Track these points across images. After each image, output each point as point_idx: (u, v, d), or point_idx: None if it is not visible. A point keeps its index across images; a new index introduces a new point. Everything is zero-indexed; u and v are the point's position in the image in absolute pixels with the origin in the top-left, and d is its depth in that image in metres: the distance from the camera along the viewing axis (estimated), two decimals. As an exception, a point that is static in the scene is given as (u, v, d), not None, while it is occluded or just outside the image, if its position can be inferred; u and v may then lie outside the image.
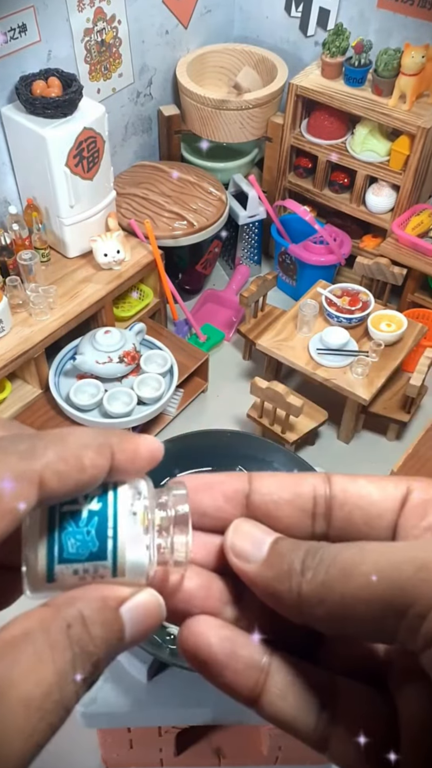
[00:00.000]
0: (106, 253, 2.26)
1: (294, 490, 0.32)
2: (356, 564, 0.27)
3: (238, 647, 0.30)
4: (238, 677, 0.29)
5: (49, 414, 2.23)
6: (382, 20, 2.44)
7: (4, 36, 1.87)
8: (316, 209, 2.79)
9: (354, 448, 2.45)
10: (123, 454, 0.29)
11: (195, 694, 1.19)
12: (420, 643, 0.25)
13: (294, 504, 0.32)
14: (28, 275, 2.16)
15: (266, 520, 0.32)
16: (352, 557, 0.27)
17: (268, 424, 2.27)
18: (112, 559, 0.29)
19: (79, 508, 0.29)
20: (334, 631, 0.29)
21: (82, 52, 2.28)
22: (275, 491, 0.32)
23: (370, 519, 0.31)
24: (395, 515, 0.30)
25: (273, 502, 0.32)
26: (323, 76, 2.50)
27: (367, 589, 0.26)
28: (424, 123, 2.31)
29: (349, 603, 0.27)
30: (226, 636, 0.30)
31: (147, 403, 2.22)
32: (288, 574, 0.29)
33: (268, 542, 0.30)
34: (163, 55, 2.62)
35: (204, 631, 0.30)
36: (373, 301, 2.33)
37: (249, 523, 0.31)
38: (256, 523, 0.31)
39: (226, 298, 2.81)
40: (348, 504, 0.31)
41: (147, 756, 1.49)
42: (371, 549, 0.28)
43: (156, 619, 0.29)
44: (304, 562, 0.28)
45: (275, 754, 1.48)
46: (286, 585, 0.29)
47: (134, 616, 0.29)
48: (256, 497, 0.32)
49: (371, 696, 0.30)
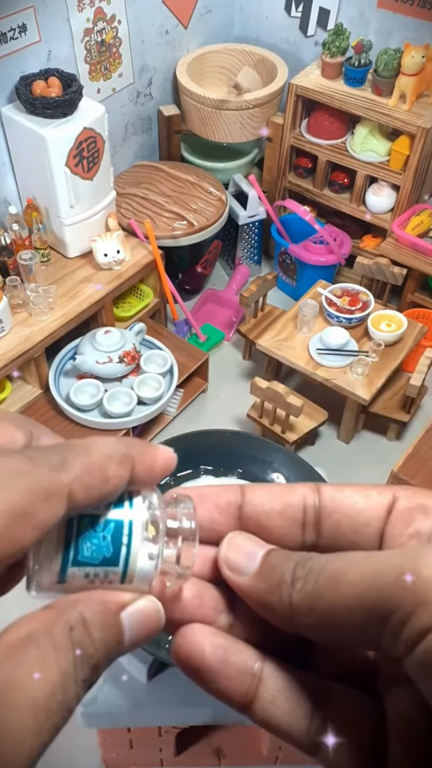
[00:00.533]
0: (106, 253, 2.26)
1: (284, 501, 0.32)
2: (343, 573, 0.28)
3: (230, 654, 0.30)
4: (231, 683, 0.30)
5: (49, 414, 2.23)
6: (382, 20, 2.44)
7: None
8: (316, 209, 2.79)
9: (354, 448, 2.45)
10: (142, 465, 0.30)
11: (195, 694, 1.19)
12: (402, 649, 0.26)
13: (284, 514, 0.32)
14: (28, 275, 2.16)
15: (258, 530, 0.32)
16: (339, 566, 0.28)
17: (268, 424, 2.27)
18: (123, 566, 0.30)
19: (98, 513, 0.30)
20: (324, 639, 0.29)
21: (82, 52, 2.28)
22: (266, 502, 0.33)
23: (358, 527, 0.31)
24: (382, 523, 0.31)
25: (264, 513, 0.32)
26: (323, 76, 2.50)
27: (352, 597, 0.27)
28: (424, 123, 2.31)
29: (337, 611, 0.27)
30: (219, 643, 0.31)
31: (147, 403, 2.22)
32: (279, 585, 0.29)
33: (260, 555, 0.31)
34: (163, 55, 2.62)
35: (197, 639, 0.31)
36: (373, 301, 2.33)
37: (242, 536, 0.32)
38: (249, 536, 0.32)
39: (226, 298, 2.81)
40: (336, 513, 0.32)
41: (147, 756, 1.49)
42: (357, 558, 0.28)
43: (155, 626, 0.30)
44: (294, 573, 0.29)
45: (275, 754, 1.48)
46: (277, 596, 0.29)
47: (134, 621, 0.29)
48: (248, 508, 0.33)
49: (362, 701, 0.31)
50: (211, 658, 0.30)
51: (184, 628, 0.31)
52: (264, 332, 2.43)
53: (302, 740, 0.30)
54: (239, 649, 0.31)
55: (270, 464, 1.17)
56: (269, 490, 0.33)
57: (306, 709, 0.30)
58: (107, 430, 2.18)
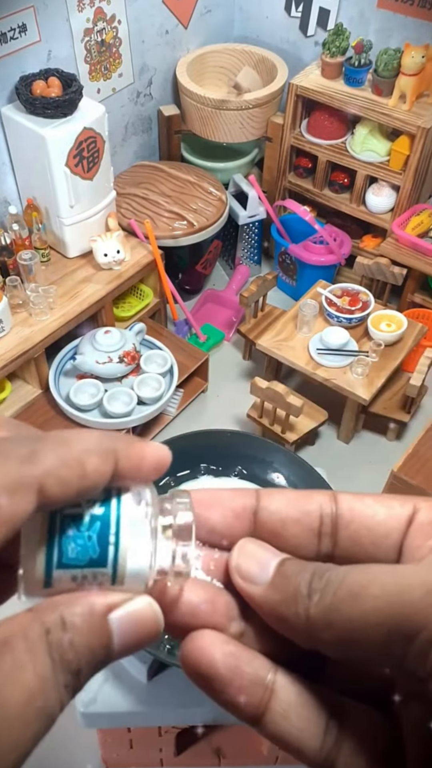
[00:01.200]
0: (106, 253, 2.26)
1: (301, 509, 0.31)
2: (364, 587, 0.26)
3: (242, 663, 0.29)
4: (242, 694, 0.29)
5: (49, 414, 2.23)
6: (382, 20, 2.44)
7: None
8: (316, 209, 2.79)
9: (354, 448, 2.45)
10: (128, 461, 0.29)
11: (195, 694, 1.19)
12: (429, 669, 0.24)
13: (301, 523, 0.31)
14: (28, 275, 2.16)
15: (272, 538, 0.31)
16: (360, 579, 0.27)
17: (268, 424, 2.27)
18: (112, 567, 0.28)
19: (81, 512, 0.29)
20: (342, 655, 0.28)
21: (82, 52, 2.28)
22: (283, 509, 0.31)
23: (377, 538, 0.30)
24: (401, 535, 0.30)
25: (280, 521, 0.31)
26: (323, 76, 2.50)
27: (374, 613, 0.26)
28: (424, 123, 2.31)
29: (357, 627, 0.26)
30: (231, 652, 0.29)
31: (147, 403, 2.22)
32: (294, 597, 0.28)
33: (273, 564, 0.30)
34: (163, 55, 2.62)
35: (208, 646, 0.29)
36: (373, 301, 2.33)
37: (254, 544, 0.31)
38: (262, 544, 0.31)
39: (226, 298, 2.81)
40: (354, 523, 0.31)
41: (147, 756, 1.49)
42: (379, 571, 0.27)
43: (151, 629, 0.28)
44: (311, 585, 0.28)
45: (275, 754, 1.48)
46: (293, 609, 0.28)
47: (124, 624, 0.28)
48: (263, 515, 0.32)
49: (375, 716, 0.29)
50: (222, 667, 0.29)
51: (195, 634, 0.30)
52: (264, 332, 2.43)
53: (314, 758, 0.28)
54: (251, 659, 0.29)
55: (270, 464, 1.17)
56: (286, 496, 0.32)
57: (319, 725, 0.28)
58: (107, 431, 2.17)
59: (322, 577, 0.28)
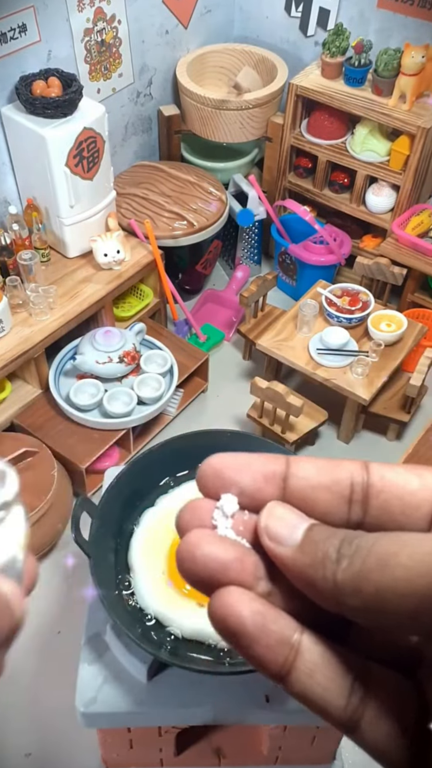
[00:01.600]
0: (106, 253, 2.26)
1: (332, 476, 0.31)
2: (393, 554, 0.26)
3: (269, 622, 0.29)
4: (268, 652, 0.29)
5: (49, 414, 2.23)
6: (382, 20, 2.44)
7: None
8: (316, 209, 2.79)
9: (354, 448, 2.45)
10: None
11: (195, 694, 1.19)
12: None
13: (331, 490, 0.31)
14: (28, 275, 2.16)
15: (302, 504, 0.31)
16: (389, 547, 0.27)
17: (268, 424, 2.27)
18: None
19: None
20: (369, 622, 0.28)
21: (82, 52, 2.28)
22: (313, 476, 0.31)
23: (408, 509, 0.30)
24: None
25: (311, 487, 0.31)
26: (323, 76, 2.50)
27: (404, 581, 0.26)
28: (424, 123, 2.31)
29: (386, 595, 0.26)
30: (258, 609, 0.29)
31: (147, 403, 2.22)
32: (323, 561, 0.28)
33: (302, 528, 0.30)
34: (163, 55, 2.62)
35: (236, 603, 0.29)
36: (373, 301, 2.33)
37: (283, 507, 0.31)
38: (291, 508, 0.31)
39: (226, 298, 2.81)
40: (385, 492, 0.30)
41: (147, 756, 1.49)
42: (409, 539, 0.27)
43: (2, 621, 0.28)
44: (340, 550, 0.28)
45: (275, 754, 1.48)
46: (320, 573, 0.28)
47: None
48: (293, 481, 0.31)
49: (401, 682, 0.30)
50: (249, 624, 0.29)
51: (224, 590, 0.30)
52: (264, 332, 2.43)
53: (339, 716, 0.29)
54: (278, 617, 0.30)
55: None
56: (315, 464, 0.32)
57: (344, 685, 0.29)
58: (107, 430, 2.18)
59: (351, 543, 0.28)
